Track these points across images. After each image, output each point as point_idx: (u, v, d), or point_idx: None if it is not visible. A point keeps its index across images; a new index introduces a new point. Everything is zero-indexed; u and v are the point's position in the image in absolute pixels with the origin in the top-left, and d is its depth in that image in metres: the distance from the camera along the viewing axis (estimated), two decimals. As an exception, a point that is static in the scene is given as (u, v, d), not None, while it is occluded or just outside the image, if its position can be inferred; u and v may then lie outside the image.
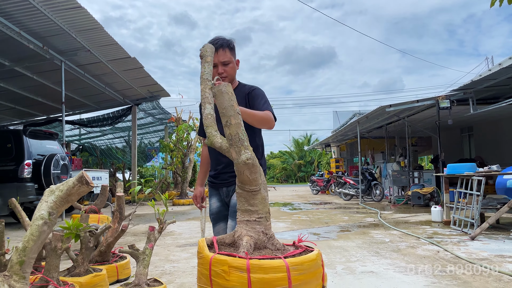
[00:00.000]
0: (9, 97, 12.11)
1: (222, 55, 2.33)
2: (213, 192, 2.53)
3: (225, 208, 2.47)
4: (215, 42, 2.33)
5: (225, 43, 2.35)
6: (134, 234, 6.94)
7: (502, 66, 7.29)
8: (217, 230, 2.49)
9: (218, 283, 1.47)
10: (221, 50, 2.33)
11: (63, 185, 1.83)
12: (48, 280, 2.70)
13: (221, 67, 2.34)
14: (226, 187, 2.43)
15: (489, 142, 14.10)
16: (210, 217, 2.55)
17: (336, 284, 3.61)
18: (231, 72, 2.38)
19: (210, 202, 2.54)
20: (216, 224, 2.51)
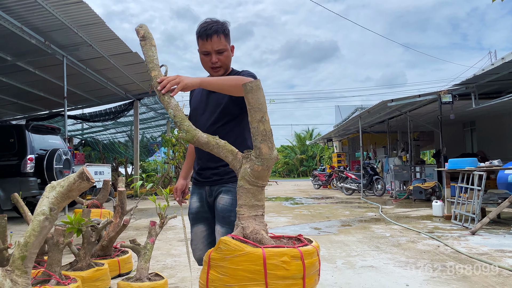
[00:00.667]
0: (11, 92, 12.14)
1: (217, 43, 2.07)
2: (195, 190, 2.33)
3: (205, 209, 2.27)
4: (209, 27, 2.07)
5: (220, 29, 2.08)
6: (136, 228, 6.98)
7: (505, 60, 7.25)
8: (195, 232, 2.31)
9: (276, 275, 1.48)
10: (215, 36, 2.06)
11: (64, 181, 1.84)
12: (51, 274, 2.73)
13: (215, 56, 2.09)
14: (209, 186, 2.22)
15: (492, 136, 14.06)
16: (189, 215, 2.35)
17: (336, 278, 3.64)
18: (226, 61, 2.14)
19: (191, 200, 2.35)
20: (194, 224, 2.31)
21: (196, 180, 2.31)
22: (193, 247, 2.33)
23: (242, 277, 1.49)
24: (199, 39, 2.11)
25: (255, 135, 1.63)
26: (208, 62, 2.12)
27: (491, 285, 3.34)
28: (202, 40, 2.09)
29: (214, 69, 2.14)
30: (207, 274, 1.58)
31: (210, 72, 2.18)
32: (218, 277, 1.54)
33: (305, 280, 1.53)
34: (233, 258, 1.51)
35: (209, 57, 2.11)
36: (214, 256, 1.58)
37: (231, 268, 1.51)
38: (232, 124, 2.17)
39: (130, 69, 11.34)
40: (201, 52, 2.13)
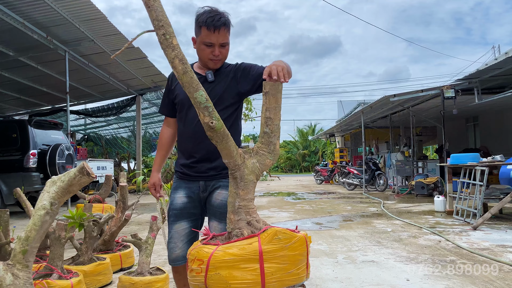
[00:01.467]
0: (14, 87, 12.17)
1: (223, 36, 2.02)
2: (181, 184, 2.18)
3: (193, 205, 2.15)
4: (217, 18, 1.99)
5: (227, 22, 2.03)
6: (138, 223, 7.01)
7: (509, 55, 7.21)
8: (175, 229, 2.14)
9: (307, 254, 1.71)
10: (222, 29, 2.00)
11: (64, 175, 1.85)
12: (53, 268, 2.76)
13: (218, 48, 2.04)
14: (204, 181, 2.12)
15: (494, 132, 14.00)
16: (168, 213, 2.19)
17: (336, 273, 3.65)
18: (226, 55, 2.11)
19: (174, 196, 2.18)
20: (176, 221, 2.15)
21: (184, 175, 2.18)
22: (171, 246, 2.16)
23: (298, 261, 1.61)
24: (203, 28, 2.01)
25: (274, 132, 1.67)
26: (209, 54, 2.06)
27: (492, 280, 3.35)
28: (209, 30, 2.00)
29: (214, 61, 2.09)
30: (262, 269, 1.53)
31: (208, 64, 2.10)
32: (279, 267, 1.55)
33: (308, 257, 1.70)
34: (292, 245, 1.59)
35: (211, 48, 2.04)
36: (271, 248, 1.55)
37: (291, 254, 1.58)
38: (227, 113, 2.11)
39: (133, 65, 11.34)
40: (204, 43, 2.04)
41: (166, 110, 2.28)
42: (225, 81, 2.13)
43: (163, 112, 2.31)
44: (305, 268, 1.65)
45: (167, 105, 2.27)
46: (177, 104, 2.20)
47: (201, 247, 1.63)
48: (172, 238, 2.16)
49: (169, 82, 2.26)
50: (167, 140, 2.32)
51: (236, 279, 1.50)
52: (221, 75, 2.15)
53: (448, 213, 7.21)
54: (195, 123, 2.06)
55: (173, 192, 2.22)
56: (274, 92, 1.65)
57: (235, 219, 1.69)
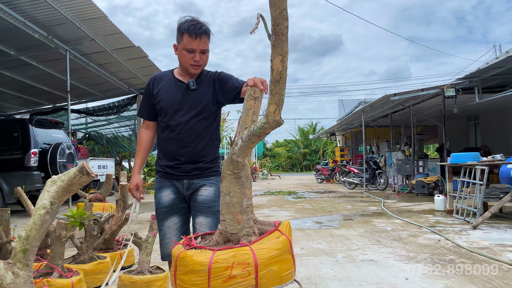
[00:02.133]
0: (15, 86, 12.19)
1: (204, 43, 2.15)
2: (165, 183, 2.28)
3: (180, 200, 2.27)
4: (198, 26, 2.11)
5: (208, 31, 2.16)
6: (138, 222, 7.03)
7: (509, 54, 7.20)
8: (167, 225, 2.28)
9: None
10: (203, 37, 2.13)
11: (64, 175, 1.86)
12: (53, 267, 2.77)
13: (199, 54, 2.16)
14: (188, 180, 2.23)
15: (495, 131, 13.99)
16: (157, 211, 2.31)
17: (336, 272, 3.66)
18: (206, 62, 2.23)
19: (160, 195, 2.29)
20: (167, 218, 2.27)
21: (168, 174, 2.26)
22: (165, 242, 2.29)
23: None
24: (185, 35, 2.12)
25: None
26: (190, 60, 2.16)
27: (491, 279, 3.36)
28: (190, 37, 2.11)
29: (195, 67, 2.19)
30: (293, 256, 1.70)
31: (189, 69, 2.20)
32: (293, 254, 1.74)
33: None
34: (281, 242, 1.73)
35: (192, 54, 2.15)
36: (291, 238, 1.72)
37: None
38: (209, 120, 2.25)
39: (133, 63, 11.35)
40: (185, 49, 2.14)
41: (147, 114, 2.35)
42: (206, 89, 2.24)
43: (143, 116, 2.37)
44: None
45: (148, 109, 2.33)
46: (160, 108, 2.25)
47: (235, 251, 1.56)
48: (165, 234, 2.28)
49: (150, 86, 2.31)
50: (147, 143, 2.38)
51: (284, 270, 1.61)
52: (202, 82, 2.25)
53: (448, 212, 7.22)
54: (181, 128, 2.18)
55: (158, 192, 2.30)
56: (261, 97, 1.73)
57: (245, 219, 1.70)
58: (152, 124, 2.36)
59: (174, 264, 1.63)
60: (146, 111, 2.34)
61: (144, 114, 2.35)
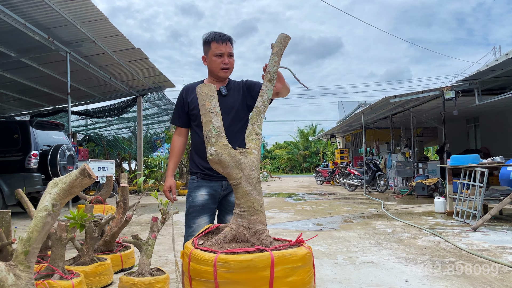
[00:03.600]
0: (16, 88, 12.21)
1: (229, 47, 2.39)
2: (203, 183, 2.42)
3: (213, 201, 2.42)
4: (223, 34, 2.39)
5: (231, 38, 2.41)
6: (139, 224, 7.04)
7: (509, 56, 7.21)
8: (198, 223, 2.38)
9: None
10: (229, 42, 2.39)
11: (66, 177, 1.87)
12: (54, 269, 2.78)
13: (227, 58, 2.38)
14: (227, 181, 2.27)
15: (495, 133, 14.00)
16: (189, 209, 2.42)
17: (336, 274, 3.67)
18: (233, 66, 2.44)
19: (196, 194, 2.41)
20: (199, 216, 2.39)
21: (206, 175, 2.40)
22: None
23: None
24: (213, 43, 2.36)
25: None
26: (220, 64, 2.37)
27: (491, 281, 3.36)
28: (218, 43, 2.35)
29: (225, 70, 2.40)
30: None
31: (220, 73, 2.40)
32: None
33: None
34: None
35: (221, 58, 2.37)
36: None
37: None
38: (241, 122, 2.44)
39: (134, 65, 11.37)
40: (214, 55, 2.36)
41: (180, 121, 2.53)
42: (236, 95, 2.46)
43: (176, 123, 2.55)
44: None
45: (181, 116, 2.51)
46: (195, 114, 2.39)
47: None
48: (195, 231, 2.36)
49: (184, 95, 2.50)
50: (179, 148, 2.55)
51: None
52: (231, 89, 2.47)
53: (448, 214, 7.22)
54: None
55: (193, 191, 2.44)
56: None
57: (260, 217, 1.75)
58: (184, 130, 2.56)
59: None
60: (180, 118, 2.52)
61: (178, 121, 2.53)
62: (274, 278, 1.38)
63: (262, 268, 1.37)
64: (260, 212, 1.63)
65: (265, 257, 1.39)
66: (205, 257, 1.44)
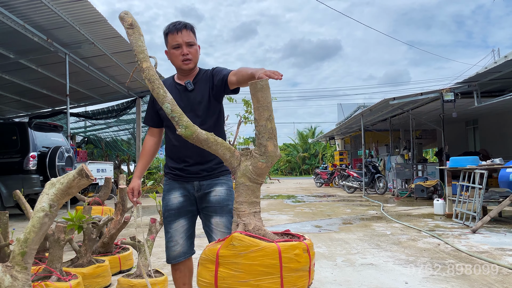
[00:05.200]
0: (14, 89, 12.18)
1: (186, 36, 2.15)
2: (175, 185, 2.28)
3: (189, 203, 2.27)
4: (178, 23, 2.17)
5: (188, 25, 2.19)
6: (138, 225, 7.01)
7: (508, 58, 7.22)
8: (175, 228, 2.25)
9: (290, 268, 1.52)
10: (184, 30, 2.15)
11: (63, 178, 1.86)
12: (51, 270, 2.76)
13: (186, 47, 2.15)
14: (199, 181, 2.23)
15: (494, 135, 14.02)
16: (165, 213, 2.29)
17: (335, 275, 3.65)
18: (196, 55, 2.21)
19: (169, 197, 2.28)
20: (175, 220, 2.26)
21: (177, 176, 2.27)
22: (172, 244, 2.27)
23: (258, 272, 1.50)
24: (168, 35, 2.16)
25: (262, 133, 1.64)
26: (179, 56, 2.16)
27: (491, 283, 3.35)
28: (172, 34, 2.14)
29: (185, 62, 2.17)
30: (216, 272, 1.55)
31: (181, 66, 2.19)
32: (231, 274, 1.53)
33: (310, 271, 1.61)
34: (248, 254, 1.51)
35: (179, 50, 2.15)
36: (225, 253, 1.55)
37: (246, 264, 1.51)
38: (212, 118, 2.24)
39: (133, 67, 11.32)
40: (172, 47, 2.16)
41: (152, 121, 2.39)
42: (203, 87, 2.23)
43: (148, 123, 2.41)
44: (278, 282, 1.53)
45: (152, 116, 2.37)
46: (162, 114, 2.26)
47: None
48: (172, 237, 2.26)
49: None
50: (150, 149, 2.41)
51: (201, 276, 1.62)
52: (199, 82, 2.25)
53: (448, 216, 7.21)
54: None
55: (167, 194, 2.30)
56: (254, 91, 1.60)
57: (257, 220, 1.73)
58: (157, 130, 2.41)
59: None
60: (151, 118, 2.38)
61: (149, 121, 2.40)
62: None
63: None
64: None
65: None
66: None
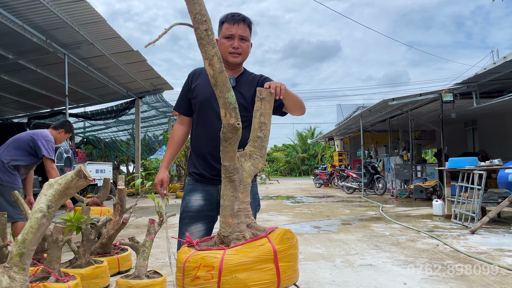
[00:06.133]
0: (13, 90, 12.17)
1: (242, 29, 2.04)
2: (197, 187, 2.14)
3: (210, 207, 2.12)
4: (237, 14, 2.06)
5: (247, 19, 2.07)
6: (136, 226, 7.01)
7: (507, 59, 7.23)
8: (191, 231, 2.10)
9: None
10: (242, 23, 2.04)
11: (61, 178, 1.86)
12: (50, 271, 2.75)
13: (237, 41, 2.04)
14: None
15: (493, 135, 14.03)
16: (182, 214, 2.16)
17: (334, 276, 3.65)
18: (246, 51, 2.09)
19: (190, 198, 2.14)
20: (192, 223, 2.12)
21: (201, 177, 2.14)
22: None
23: (297, 258, 1.70)
24: (224, 24, 2.06)
25: (266, 136, 1.77)
26: (229, 47, 2.05)
27: (489, 284, 3.35)
28: (229, 23, 2.04)
29: (234, 55, 2.06)
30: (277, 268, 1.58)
31: (228, 58, 2.06)
32: (289, 265, 1.62)
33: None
34: (295, 243, 1.69)
35: (231, 41, 2.05)
36: (282, 247, 1.60)
37: (295, 253, 1.67)
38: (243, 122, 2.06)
39: (132, 68, 11.36)
40: (224, 36, 2.05)
41: (183, 109, 2.23)
42: (245, 90, 2.12)
43: (179, 110, 2.25)
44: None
45: (184, 103, 2.22)
46: (195, 104, 2.15)
47: (206, 253, 1.58)
48: None
49: (189, 80, 2.21)
50: (179, 138, 2.26)
51: (255, 280, 1.52)
52: (242, 82, 2.14)
53: (447, 217, 7.21)
54: (217, 126, 1.94)
55: (188, 195, 2.17)
56: (270, 98, 1.75)
57: (235, 222, 1.68)
58: (187, 119, 2.25)
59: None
60: (183, 105, 2.22)
61: (180, 108, 2.24)
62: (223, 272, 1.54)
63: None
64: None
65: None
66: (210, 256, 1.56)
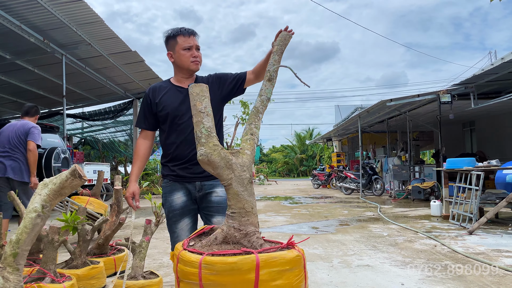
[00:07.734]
0: (10, 90, 12.13)
1: (196, 41, 2.32)
2: (176, 186, 2.29)
3: (191, 203, 2.29)
4: (188, 28, 2.33)
5: (196, 32, 2.35)
6: (134, 227, 6.98)
7: (505, 60, 7.25)
8: (181, 227, 2.27)
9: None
10: (194, 36, 2.32)
11: (56, 178, 1.84)
12: (45, 272, 2.74)
13: (196, 51, 2.30)
14: (200, 181, 2.27)
15: (491, 136, 14.06)
16: (169, 214, 2.30)
17: (331, 277, 3.64)
18: (201, 59, 2.37)
19: (172, 198, 2.28)
20: (180, 220, 2.27)
21: (179, 177, 2.28)
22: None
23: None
24: (179, 37, 2.27)
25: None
26: (189, 57, 2.27)
27: (487, 284, 3.34)
28: (185, 36, 2.27)
29: (195, 63, 2.30)
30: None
31: (190, 66, 2.29)
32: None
33: None
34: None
35: (191, 51, 2.28)
36: None
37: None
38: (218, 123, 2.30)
39: (130, 68, 11.33)
40: (183, 48, 2.27)
41: (146, 124, 2.38)
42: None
43: (143, 126, 2.39)
44: None
45: (148, 118, 2.37)
46: (164, 116, 2.30)
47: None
48: (179, 236, 2.27)
49: (150, 96, 2.36)
50: (145, 152, 2.40)
51: None
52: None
53: (444, 217, 7.21)
54: (190, 130, 2.21)
55: (169, 195, 2.30)
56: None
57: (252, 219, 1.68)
58: (150, 133, 2.42)
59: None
60: (147, 120, 2.37)
61: (143, 124, 2.38)
62: (260, 281, 1.33)
63: (246, 270, 1.33)
64: (251, 214, 1.57)
65: (250, 259, 1.34)
66: (191, 259, 1.41)
